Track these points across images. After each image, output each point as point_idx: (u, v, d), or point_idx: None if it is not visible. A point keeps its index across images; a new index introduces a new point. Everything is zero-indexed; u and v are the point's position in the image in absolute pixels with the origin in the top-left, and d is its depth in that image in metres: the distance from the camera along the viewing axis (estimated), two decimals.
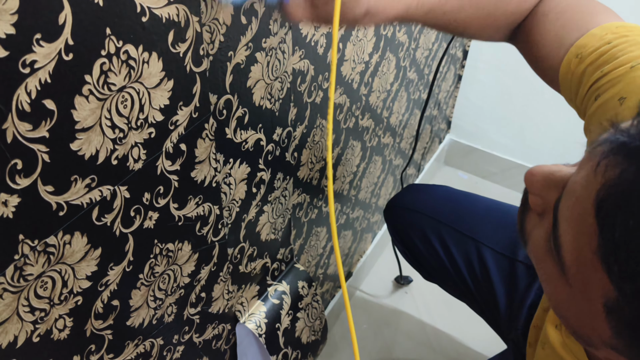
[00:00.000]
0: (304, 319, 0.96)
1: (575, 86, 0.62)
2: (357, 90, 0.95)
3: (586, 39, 0.61)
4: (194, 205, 0.61)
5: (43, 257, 0.44)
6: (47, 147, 0.40)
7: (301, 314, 0.94)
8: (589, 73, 0.59)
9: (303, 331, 0.96)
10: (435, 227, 1.03)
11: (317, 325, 1.00)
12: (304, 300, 0.94)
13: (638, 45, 0.57)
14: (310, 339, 0.99)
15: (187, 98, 0.53)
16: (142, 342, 0.63)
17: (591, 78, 0.59)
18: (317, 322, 1.00)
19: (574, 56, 0.61)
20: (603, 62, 0.58)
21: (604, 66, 0.57)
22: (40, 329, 0.47)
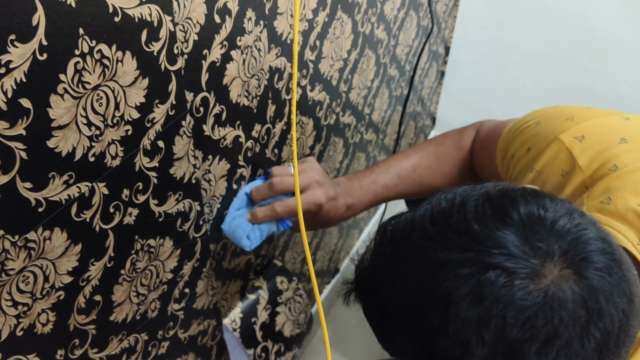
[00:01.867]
0: (285, 313, 0.97)
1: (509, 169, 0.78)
2: (337, 87, 0.96)
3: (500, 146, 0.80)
4: (174, 202, 0.63)
5: (24, 252, 0.45)
6: (24, 144, 0.42)
7: (281, 308, 0.96)
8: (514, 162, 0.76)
9: (285, 325, 0.97)
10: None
11: (302, 319, 1.02)
12: (284, 295, 0.95)
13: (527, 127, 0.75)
14: (295, 332, 1.00)
15: (163, 96, 0.54)
16: (127, 337, 0.65)
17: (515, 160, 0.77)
18: (302, 315, 1.01)
19: (500, 162, 0.80)
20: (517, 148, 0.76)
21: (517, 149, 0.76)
22: (23, 323, 0.49)
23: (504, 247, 0.42)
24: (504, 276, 0.41)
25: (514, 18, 1.57)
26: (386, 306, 0.47)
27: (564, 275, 0.41)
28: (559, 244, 0.42)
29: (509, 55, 1.65)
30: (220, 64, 0.61)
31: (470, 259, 0.42)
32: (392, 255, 0.48)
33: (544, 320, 0.40)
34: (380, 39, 1.07)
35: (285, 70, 0.75)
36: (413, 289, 0.45)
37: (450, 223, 0.45)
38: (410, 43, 1.28)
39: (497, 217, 0.44)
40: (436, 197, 0.49)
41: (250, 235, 0.75)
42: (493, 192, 0.47)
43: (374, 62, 1.09)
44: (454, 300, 0.42)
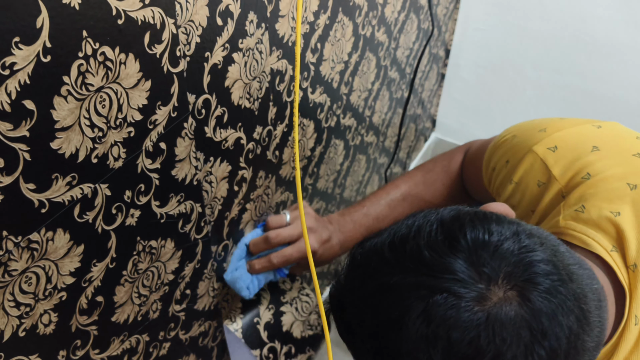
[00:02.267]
0: (292, 312, 0.97)
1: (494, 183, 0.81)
2: (338, 89, 0.97)
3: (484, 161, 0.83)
4: (176, 203, 0.63)
5: (27, 253, 0.46)
6: (28, 146, 0.42)
7: (287, 307, 0.95)
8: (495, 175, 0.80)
9: (294, 325, 0.97)
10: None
11: (313, 320, 1.01)
12: (287, 295, 0.96)
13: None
14: (307, 333, 1.00)
15: (165, 98, 0.54)
16: (128, 338, 0.65)
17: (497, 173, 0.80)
18: (314, 316, 1.01)
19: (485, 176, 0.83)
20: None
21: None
22: (26, 324, 0.49)
23: (452, 272, 0.44)
24: (451, 299, 0.43)
25: (513, 21, 1.58)
26: (351, 326, 0.51)
27: (508, 297, 0.43)
28: (503, 267, 0.44)
29: (509, 58, 1.65)
30: (222, 66, 0.62)
31: (421, 283, 0.45)
32: (355, 279, 0.51)
33: (487, 340, 0.42)
34: (380, 41, 1.07)
35: (286, 72, 0.76)
36: (371, 312, 0.48)
37: (406, 249, 0.48)
38: (411, 46, 1.29)
39: (447, 243, 0.46)
40: (400, 222, 0.51)
41: (250, 285, 0.81)
42: (447, 217, 0.49)
43: (375, 64, 1.10)
44: (405, 322, 0.44)
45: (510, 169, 0.74)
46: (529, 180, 0.71)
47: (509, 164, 0.75)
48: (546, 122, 0.75)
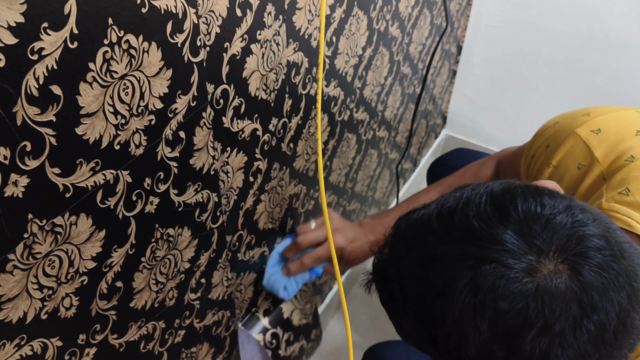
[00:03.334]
0: (291, 301, 0.99)
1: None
2: (351, 83, 0.97)
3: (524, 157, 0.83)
4: (193, 192, 0.64)
5: (51, 236, 0.47)
6: (54, 130, 0.43)
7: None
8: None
9: (294, 313, 0.99)
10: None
11: (307, 309, 1.03)
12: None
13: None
14: (302, 322, 1.01)
15: (185, 87, 0.55)
16: (145, 324, 0.66)
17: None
18: (308, 305, 1.03)
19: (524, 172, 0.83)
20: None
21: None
22: (48, 307, 0.50)
23: (501, 243, 0.44)
24: (500, 269, 0.43)
25: (526, 17, 1.58)
26: (395, 296, 0.50)
27: (559, 270, 0.43)
28: (555, 240, 0.44)
29: (521, 55, 1.65)
30: (241, 57, 0.62)
31: (469, 253, 0.45)
32: (400, 249, 0.51)
33: (535, 310, 0.42)
34: (394, 36, 1.08)
35: (302, 65, 0.76)
36: (416, 281, 0.48)
37: (454, 220, 0.47)
38: (424, 41, 1.29)
39: (496, 215, 0.45)
40: (447, 195, 0.51)
41: (287, 286, 0.90)
42: (496, 190, 0.48)
43: (388, 59, 1.10)
44: (452, 291, 0.44)
45: (550, 152, 0.74)
46: (569, 162, 0.71)
47: (549, 149, 0.74)
48: (589, 108, 0.74)
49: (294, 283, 0.90)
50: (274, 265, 0.91)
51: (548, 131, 0.77)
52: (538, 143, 0.78)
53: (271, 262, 0.91)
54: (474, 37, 1.67)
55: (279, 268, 0.90)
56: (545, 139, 0.76)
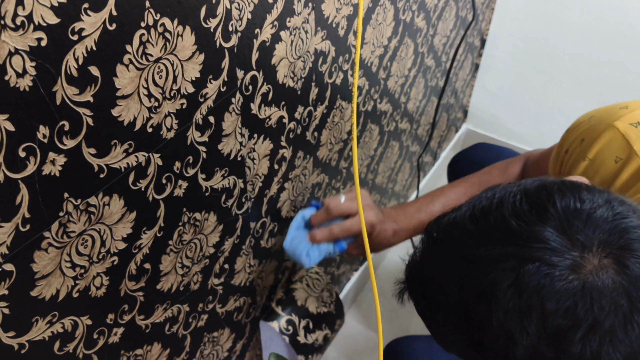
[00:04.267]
0: (304, 288, 0.99)
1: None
2: (376, 73, 0.97)
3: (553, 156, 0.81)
4: (220, 177, 0.64)
5: (85, 215, 0.47)
6: (91, 111, 0.43)
7: (296, 285, 0.98)
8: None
9: (308, 300, 0.99)
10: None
11: (326, 297, 1.03)
12: (295, 275, 0.99)
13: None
14: (322, 309, 1.02)
15: (216, 72, 0.56)
16: (170, 307, 0.67)
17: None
18: (326, 293, 1.03)
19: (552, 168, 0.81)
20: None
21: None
22: (79, 285, 0.51)
23: (542, 241, 0.43)
24: (544, 268, 0.42)
25: (552, 11, 1.56)
26: (434, 303, 0.49)
27: (604, 265, 0.42)
28: (597, 234, 0.43)
29: (545, 49, 1.63)
30: (270, 43, 0.63)
31: (509, 253, 0.43)
32: (436, 253, 0.50)
33: (584, 308, 0.41)
34: (419, 27, 1.07)
35: (329, 53, 0.76)
36: (457, 285, 0.46)
37: (489, 220, 0.46)
38: (448, 33, 1.28)
39: (534, 212, 0.44)
40: (477, 196, 0.50)
41: (310, 253, 0.83)
42: (531, 187, 0.47)
43: (413, 50, 1.10)
44: (495, 294, 0.43)
45: (586, 146, 0.72)
46: (606, 156, 0.69)
47: (584, 142, 0.72)
48: (627, 102, 0.73)
49: (316, 251, 0.84)
50: (298, 228, 0.85)
51: (582, 125, 0.75)
52: (572, 138, 0.76)
53: (295, 225, 0.84)
54: (498, 30, 1.66)
55: (302, 233, 0.84)
56: (579, 133, 0.75)
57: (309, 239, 0.83)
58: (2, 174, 0.39)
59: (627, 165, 0.66)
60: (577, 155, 0.73)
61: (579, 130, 0.75)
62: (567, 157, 0.76)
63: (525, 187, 0.47)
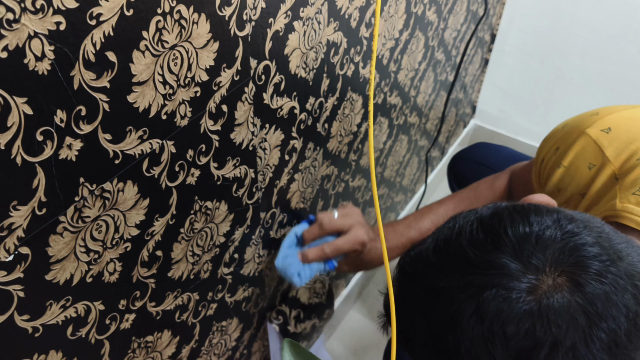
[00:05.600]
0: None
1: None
2: (387, 66, 0.97)
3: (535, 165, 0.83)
4: (232, 167, 0.65)
5: (99, 201, 0.48)
6: (108, 97, 0.44)
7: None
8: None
9: (299, 292, 1.00)
10: None
11: (319, 288, 1.04)
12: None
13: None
14: (313, 300, 1.03)
15: (230, 61, 0.56)
16: (181, 295, 0.67)
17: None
18: (319, 285, 1.04)
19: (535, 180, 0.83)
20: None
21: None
22: (93, 270, 0.51)
23: (498, 267, 0.44)
24: (501, 292, 0.43)
25: (563, 7, 1.55)
26: (409, 335, 0.51)
27: (558, 284, 0.43)
28: (548, 255, 0.44)
29: (555, 45, 1.63)
30: (283, 33, 0.63)
31: (469, 282, 0.45)
32: (404, 286, 0.51)
33: (542, 329, 0.42)
34: (430, 20, 1.07)
35: (340, 45, 0.76)
36: (424, 317, 0.48)
37: (450, 251, 0.48)
38: (459, 27, 1.28)
39: (489, 241, 0.46)
40: (442, 226, 0.51)
41: (301, 273, 0.84)
42: (485, 215, 0.49)
43: (423, 44, 1.09)
44: (460, 323, 0.44)
45: (560, 154, 0.74)
46: (579, 163, 0.71)
47: (559, 151, 0.75)
48: (597, 109, 0.75)
49: (307, 271, 0.86)
50: (290, 246, 0.86)
51: (556, 134, 0.77)
52: (547, 147, 0.78)
53: (287, 243, 0.85)
54: (508, 25, 1.65)
55: (294, 251, 0.86)
56: (554, 141, 0.76)
57: (300, 259, 0.84)
58: (20, 157, 0.39)
59: (601, 172, 0.68)
60: (552, 164, 0.75)
61: (553, 139, 0.77)
62: (544, 166, 0.78)
63: (481, 215, 0.49)
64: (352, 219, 0.86)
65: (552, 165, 0.76)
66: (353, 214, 0.87)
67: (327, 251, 0.84)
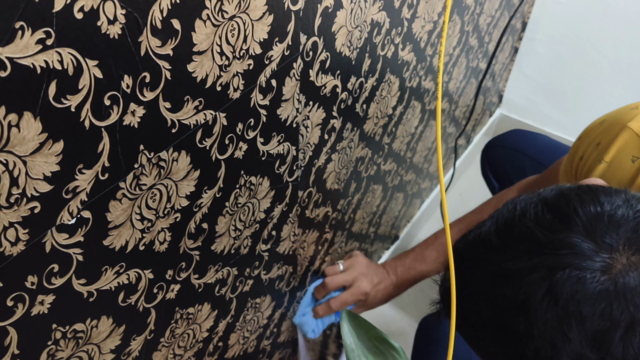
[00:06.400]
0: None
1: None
2: (424, 50, 0.96)
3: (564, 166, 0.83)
4: (276, 143, 0.65)
5: (156, 169, 0.48)
6: (170, 65, 0.44)
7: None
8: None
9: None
10: (537, 168, 1.13)
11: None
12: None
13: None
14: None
15: (282, 35, 0.56)
16: (221, 269, 0.68)
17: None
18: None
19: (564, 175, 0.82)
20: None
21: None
22: (146, 239, 0.52)
23: (570, 247, 0.43)
24: (575, 273, 0.42)
25: None
26: (472, 320, 0.50)
27: (632, 262, 0.42)
28: (622, 234, 0.43)
29: (587, 34, 1.60)
30: (332, 10, 0.62)
31: (539, 263, 0.44)
32: (465, 272, 0.50)
33: (619, 308, 0.41)
34: (467, 4, 1.06)
35: (383, 25, 0.76)
36: (491, 300, 0.47)
37: (514, 233, 0.47)
38: (493, 13, 1.27)
39: (557, 220, 0.45)
40: (500, 210, 0.50)
41: (315, 329, 0.97)
42: (549, 196, 0.48)
43: (459, 28, 1.09)
44: (532, 305, 0.44)
45: (602, 149, 0.73)
46: (622, 157, 0.70)
47: (600, 146, 0.73)
48: (636, 102, 0.74)
49: (320, 325, 0.97)
50: (308, 305, 0.98)
51: (595, 130, 0.76)
52: (586, 143, 0.77)
53: (305, 302, 0.97)
54: (540, 13, 1.63)
55: (309, 309, 0.97)
56: (594, 137, 0.75)
57: (313, 315, 0.97)
58: (89, 121, 0.40)
59: None
60: (593, 160, 0.74)
61: (592, 135, 0.76)
62: (582, 164, 0.77)
63: (545, 197, 0.48)
64: (355, 272, 0.95)
65: (592, 162, 0.75)
66: (356, 265, 0.96)
67: (333, 307, 0.94)
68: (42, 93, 0.35)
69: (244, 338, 0.86)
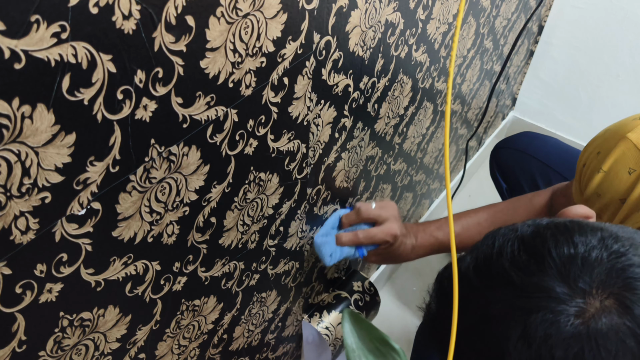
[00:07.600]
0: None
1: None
2: (437, 51, 0.96)
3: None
4: (287, 140, 0.65)
5: (166, 163, 0.49)
6: (183, 60, 0.44)
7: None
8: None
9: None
10: (545, 171, 1.12)
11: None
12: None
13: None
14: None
15: (295, 33, 0.56)
16: (228, 263, 0.68)
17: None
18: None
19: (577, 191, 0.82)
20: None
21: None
22: (154, 231, 0.53)
23: (544, 290, 0.43)
24: (549, 316, 0.42)
25: (615, 1, 1.51)
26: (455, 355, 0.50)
27: (606, 307, 0.42)
28: (595, 277, 0.43)
29: (604, 41, 1.59)
30: (347, 9, 0.63)
31: (514, 306, 0.44)
32: (446, 306, 0.50)
33: (591, 353, 0.41)
34: (484, 7, 1.06)
35: (398, 25, 0.76)
36: (469, 341, 0.47)
37: (491, 273, 0.47)
38: (509, 16, 1.26)
39: (532, 262, 0.45)
40: (480, 243, 0.50)
41: (333, 254, 0.88)
42: (526, 234, 0.48)
43: (474, 30, 1.08)
44: (507, 348, 0.44)
45: (601, 158, 0.73)
46: (619, 168, 0.70)
47: (600, 155, 0.74)
48: (638, 114, 0.74)
49: (339, 252, 0.89)
50: (333, 227, 0.91)
51: (598, 139, 0.76)
52: (589, 151, 0.77)
53: (330, 223, 0.91)
54: (557, 17, 1.62)
55: (333, 232, 0.90)
56: (596, 146, 0.75)
57: (336, 241, 0.88)
58: (101, 114, 0.40)
59: None
60: (592, 168, 0.74)
61: (595, 144, 0.76)
62: (585, 170, 0.77)
63: (523, 235, 0.48)
64: (388, 212, 0.89)
65: (592, 170, 0.75)
66: (389, 208, 0.89)
67: (360, 237, 0.87)
68: (55, 86, 0.36)
69: (249, 331, 0.86)
